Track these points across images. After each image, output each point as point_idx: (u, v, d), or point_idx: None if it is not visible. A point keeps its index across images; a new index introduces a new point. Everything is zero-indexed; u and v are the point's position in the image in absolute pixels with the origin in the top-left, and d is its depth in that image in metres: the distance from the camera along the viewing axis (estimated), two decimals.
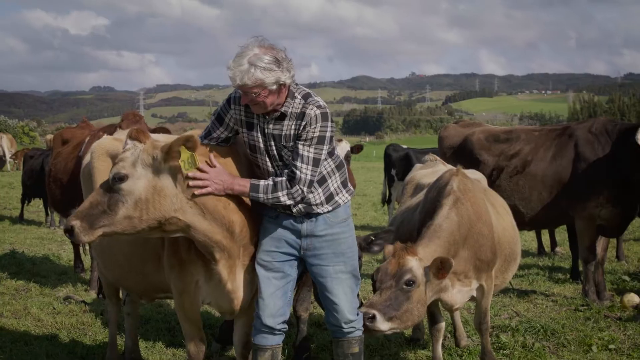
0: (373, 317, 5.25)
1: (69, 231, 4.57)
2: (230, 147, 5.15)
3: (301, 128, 4.84)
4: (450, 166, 7.66)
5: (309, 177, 4.89)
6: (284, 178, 4.88)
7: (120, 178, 4.60)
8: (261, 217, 5.17)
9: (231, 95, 5.06)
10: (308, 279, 6.20)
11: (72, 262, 11.60)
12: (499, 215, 6.66)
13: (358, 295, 5.39)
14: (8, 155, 37.76)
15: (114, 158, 6.22)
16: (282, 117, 4.89)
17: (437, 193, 6.10)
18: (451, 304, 6.07)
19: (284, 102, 4.87)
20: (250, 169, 5.18)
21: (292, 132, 4.88)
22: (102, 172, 6.14)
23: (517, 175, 9.51)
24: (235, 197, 4.95)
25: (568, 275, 10.79)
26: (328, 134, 4.91)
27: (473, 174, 7.32)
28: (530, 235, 14.31)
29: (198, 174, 4.76)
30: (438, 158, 8.11)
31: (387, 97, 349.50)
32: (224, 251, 4.94)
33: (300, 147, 4.86)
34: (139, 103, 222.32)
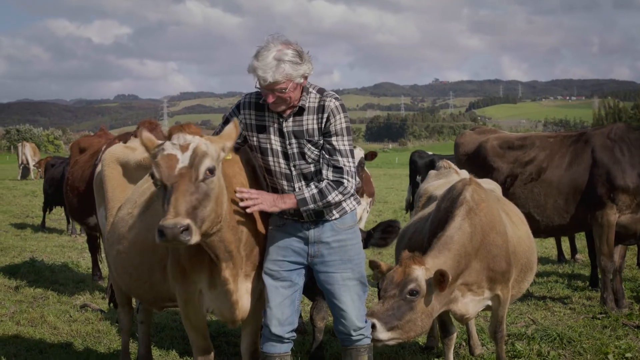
0: (373, 327, 5.21)
1: (186, 229, 4.21)
2: (236, 156, 5.14)
3: (324, 121, 4.90)
4: (463, 174, 7.62)
5: (352, 168, 4.97)
6: (325, 181, 4.92)
7: (212, 171, 4.42)
8: (266, 226, 5.18)
9: (240, 101, 5.08)
10: None
11: (91, 270, 11.68)
12: (514, 225, 6.60)
13: None
14: (31, 164, 38.10)
15: (124, 166, 6.25)
16: (301, 111, 4.91)
17: (450, 203, 6.03)
18: (461, 314, 6.01)
19: (300, 96, 4.89)
20: (254, 176, 5.19)
21: (315, 126, 4.91)
22: (112, 180, 6.17)
23: (532, 183, 9.42)
24: (242, 207, 4.95)
25: (587, 283, 10.71)
26: (350, 125, 5.03)
27: (487, 184, 7.26)
28: (551, 242, 14.23)
29: (246, 194, 4.84)
30: (452, 165, 8.05)
31: (410, 104, 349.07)
32: (231, 260, 4.92)
33: (334, 142, 4.92)
34: (162, 111, 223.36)
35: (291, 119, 4.92)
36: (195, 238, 4.27)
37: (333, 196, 4.92)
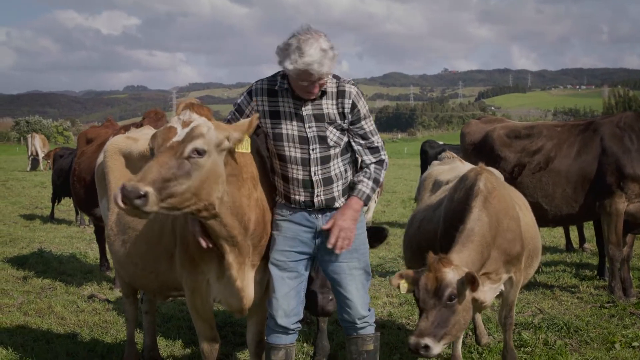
0: (427, 347, 5.09)
1: (143, 197, 4.13)
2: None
3: (348, 107, 4.93)
4: (468, 163, 7.62)
5: (382, 142, 5.21)
6: (373, 166, 5.11)
7: (201, 152, 4.38)
8: (274, 216, 5.16)
9: (252, 88, 5.03)
10: None
11: (99, 261, 11.70)
12: (522, 211, 6.61)
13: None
14: (41, 155, 38.22)
15: (127, 156, 6.24)
16: (321, 95, 4.92)
17: (464, 194, 6.00)
18: (481, 302, 5.99)
19: None
20: (263, 167, 5.17)
21: (335, 110, 4.93)
22: (115, 171, 6.16)
23: (540, 172, 9.38)
24: (255, 196, 4.93)
25: (595, 272, 10.68)
26: None
27: None
28: (559, 231, 14.20)
29: (333, 239, 4.91)
30: (455, 155, 8.03)
31: (420, 94, 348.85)
32: (235, 247, 4.90)
33: (365, 126, 5.05)
34: (171, 102, 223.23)
35: (310, 102, 4.91)
36: (151, 208, 4.18)
37: (382, 175, 5.18)
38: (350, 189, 5.11)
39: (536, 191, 9.33)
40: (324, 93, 4.90)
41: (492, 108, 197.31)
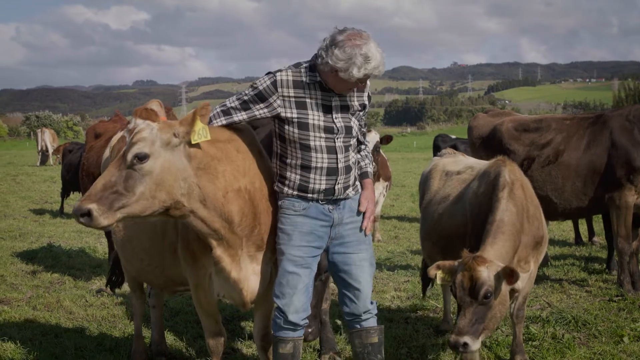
0: (465, 344, 5.15)
1: (87, 215, 4.30)
2: (241, 134, 5.11)
3: (366, 98, 5.17)
4: (470, 157, 7.68)
5: None
6: (365, 149, 5.40)
7: (142, 158, 4.43)
8: (273, 209, 5.13)
9: (276, 79, 4.93)
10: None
11: (107, 255, 11.72)
12: None
13: None
14: (51, 150, 38.32)
15: None
16: None
17: (490, 187, 6.07)
18: (515, 290, 6.00)
19: None
20: (260, 158, 5.16)
21: (357, 102, 5.09)
22: None
23: (550, 165, 9.34)
24: (236, 186, 4.88)
25: (604, 266, 10.65)
26: None
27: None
28: (568, 224, 14.17)
29: (365, 221, 5.23)
30: (455, 151, 8.00)
31: (429, 88, 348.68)
32: (222, 240, 4.87)
33: (366, 113, 5.30)
34: (181, 97, 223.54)
35: (337, 95, 4.98)
36: (101, 222, 4.35)
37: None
38: (360, 172, 5.30)
39: (546, 184, 9.30)
40: None
41: (507, 102, 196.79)
